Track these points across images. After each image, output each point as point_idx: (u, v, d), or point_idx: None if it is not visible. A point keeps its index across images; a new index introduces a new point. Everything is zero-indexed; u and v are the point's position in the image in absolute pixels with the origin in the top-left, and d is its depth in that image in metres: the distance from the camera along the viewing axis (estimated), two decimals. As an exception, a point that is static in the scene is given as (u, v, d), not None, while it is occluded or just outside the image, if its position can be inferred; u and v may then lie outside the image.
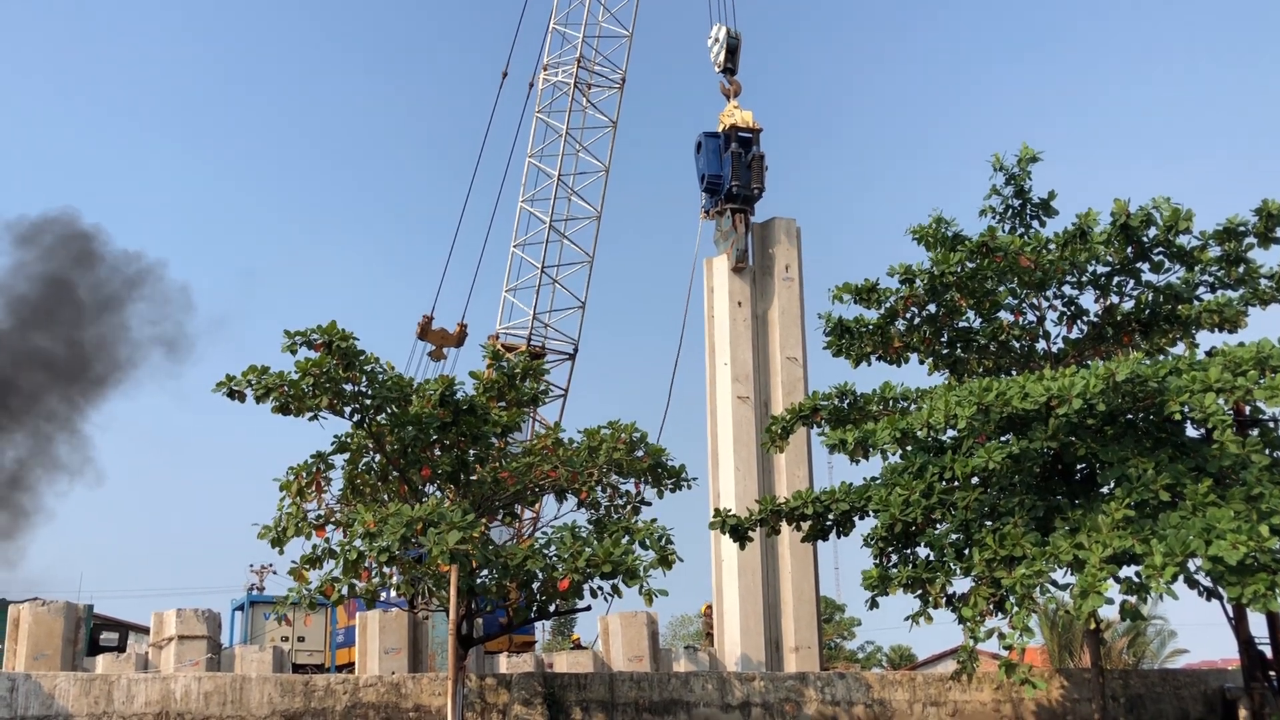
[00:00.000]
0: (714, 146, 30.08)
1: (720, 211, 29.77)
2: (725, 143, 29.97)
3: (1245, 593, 14.83)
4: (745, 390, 28.06)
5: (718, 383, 28.62)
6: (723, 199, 29.68)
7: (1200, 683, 22.61)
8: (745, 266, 29.20)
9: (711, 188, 29.96)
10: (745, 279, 29.19)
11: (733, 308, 28.86)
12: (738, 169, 29.49)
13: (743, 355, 28.49)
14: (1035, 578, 16.45)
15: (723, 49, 31.43)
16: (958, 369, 21.42)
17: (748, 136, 30.21)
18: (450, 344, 35.83)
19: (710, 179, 29.88)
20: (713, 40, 31.82)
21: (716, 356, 28.90)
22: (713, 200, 30.13)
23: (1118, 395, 16.28)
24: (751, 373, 28.22)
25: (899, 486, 18.63)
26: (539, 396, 21.10)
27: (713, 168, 29.83)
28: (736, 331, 28.69)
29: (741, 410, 27.76)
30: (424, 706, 18.77)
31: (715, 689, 20.22)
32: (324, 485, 18.06)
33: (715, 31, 31.76)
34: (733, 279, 29.09)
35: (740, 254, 29.09)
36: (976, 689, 20.93)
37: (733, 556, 26.72)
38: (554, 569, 16.49)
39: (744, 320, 28.85)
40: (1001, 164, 20.14)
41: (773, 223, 30.01)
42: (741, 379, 28.18)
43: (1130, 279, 20.15)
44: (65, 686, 17.56)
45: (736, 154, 29.60)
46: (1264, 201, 19.03)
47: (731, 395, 27.96)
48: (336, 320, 16.73)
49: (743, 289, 29.10)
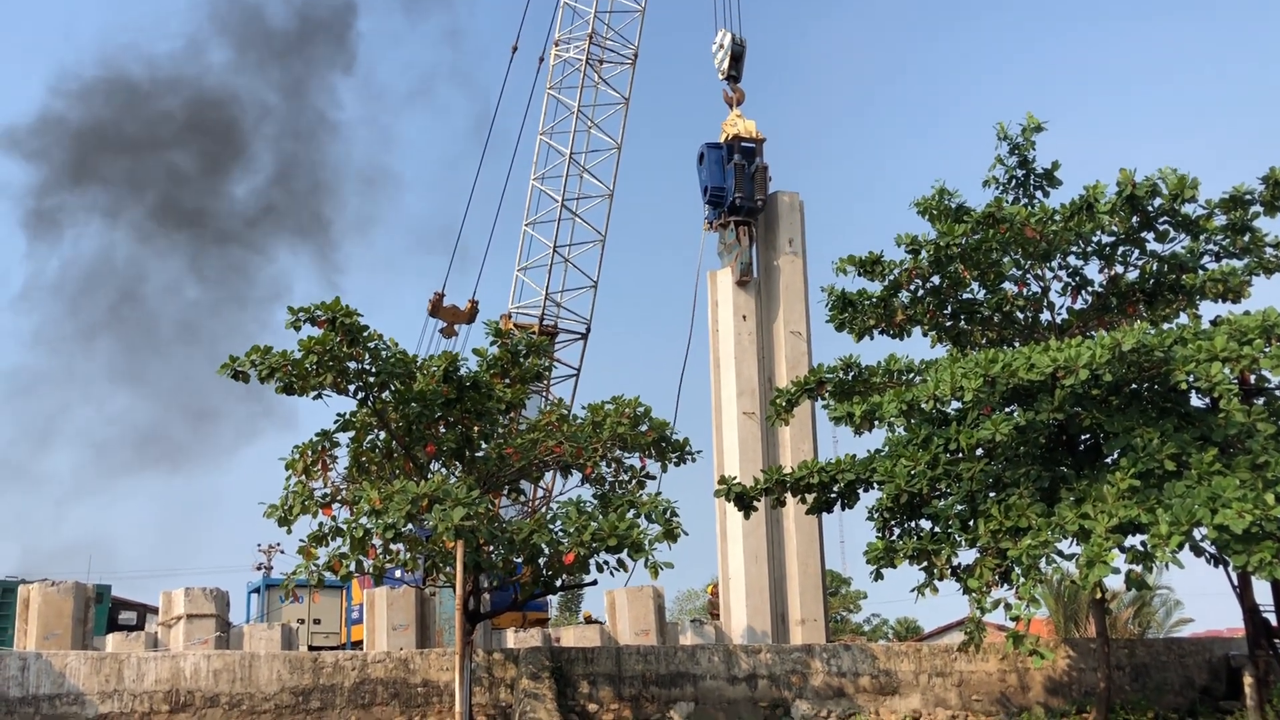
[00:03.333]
0: (717, 158, 29.65)
1: (724, 224, 29.52)
2: (728, 153, 29.50)
3: (1251, 560, 14.84)
4: (751, 406, 27.91)
5: (723, 398, 28.50)
6: (726, 212, 29.41)
7: (1205, 651, 22.67)
8: (750, 280, 28.99)
9: (714, 200, 29.57)
10: (750, 292, 28.98)
11: (737, 322, 28.60)
12: (741, 181, 29.05)
13: (748, 371, 28.25)
14: (1041, 548, 16.47)
15: (727, 55, 30.96)
16: (961, 341, 21.37)
17: (751, 147, 29.73)
18: (461, 321, 35.77)
19: (713, 191, 29.48)
20: (717, 46, 31.38)
21: (721, 371, 28.74)
22: (716, 212, 29.83)
23: (1123, 365, 16.24)
24: (757, 388, 28.02)
25: (904, 458, 18.64)
26: (543, 373, 21.11)
27: (715, 180, 29.43)
28: (741, 346, 28.46)
29: (747, 426, 27.62)
30: (432, 682, 18.87)
31: (721, 662, 20.31)
32: (329, 463, 18.11)
33: (720, 37, 31.31)
34: (737, 292, 28.85)
35: (744, 267, 28.82)
36: (982, 660, 21.01)
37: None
38: (559, 543, 16.54)
39: (749, 334, 28.59)
40: (1006, 133, 20.02)
41: (776, 196, 29.88)
42: (747, 394, 28.01)
43: (1135, 249, 20.06)
44: (76, 665, 17.67)
45: (740, 166, 29.15)
46: (1271, 169, 18.88)
47: (737, 410, 27.86)
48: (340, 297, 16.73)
49: (747, 302, 28.84)
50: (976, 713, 20.48)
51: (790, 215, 29.84)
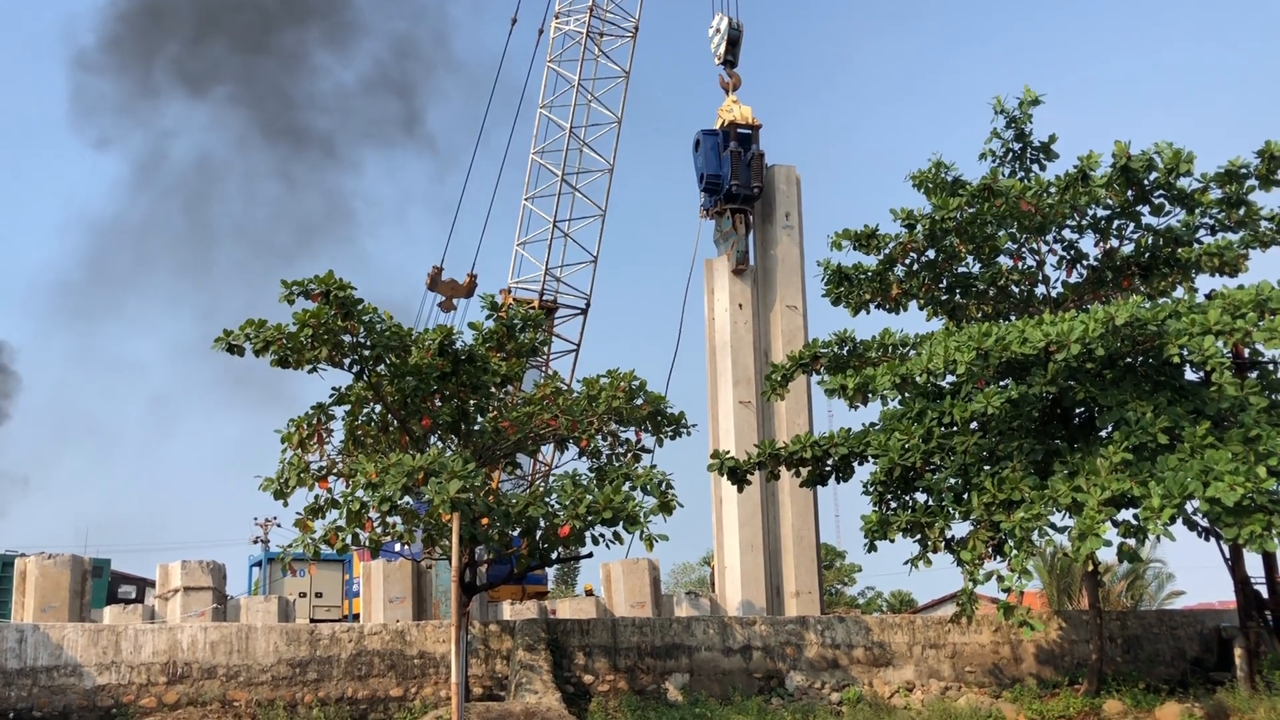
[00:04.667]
0: (713, 144, 29.38)
1: (720, 212, 29.34)
2: (724, 140, 29.25)
3: (1242, 533, 14.95)
4: (747, 395, 27.89)
5: (719, 386, 28.48)
6: (722, 199, 29.22)
7: (1196, 623, 22.83)
8: (746, 268, 28.88)
9: (710, 187, 29.34)
10: (746, 280, 28.86)
11: (734, 310, 28.51)
12: (737, 168, 28.82)
13: (744, 359, 28.16)
14: (1034, 521, 16.57)
15: (724, 40, 30.65)
16: (956, 315, 21.40)
17: (747, 133, 29.48)
18: (460, 295, 35.69)
19: (709, 179, 29.21)
20: (714, 30, 31.09)
21: (718, 360, 28.68)
22: (712, 200, 29.63)
23: (1117, 339, 16.28)
24: (753, 377, 27.96)
25: (898, 432, 18.70)
26: (539, 347, 21.09)
27: (711, 167, 29.17)
28: (738, 335, 28.38)
29: (743, 415, 27.60)
30: (428, 653, 18.98)
31: (716, 633, 20.43)
32: (325, 437, 18.12)
33: (717, 21, 31.03)
34: (733, 281, 28.73)
35: (740, 256, 28.66)
36: (975, 631, 21.15)
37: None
38: (555, 516, 16.59)
39: (745, 323, 28.47)
40: (1003, 107, 19.98)
41: (772, 170, 29.79)
42: (743, 383, 27.97)
43: (1130, 222, 20.06)
44: (73, 637, 17.75)
45: (736, 153, 28.92)
46: (1266, 143, 18.86)
47: (733, 399, 27.85)
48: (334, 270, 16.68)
49: (743, 291, 28.70)
50: (970, 684, 20.64)
51: (787, 190, 29.75)
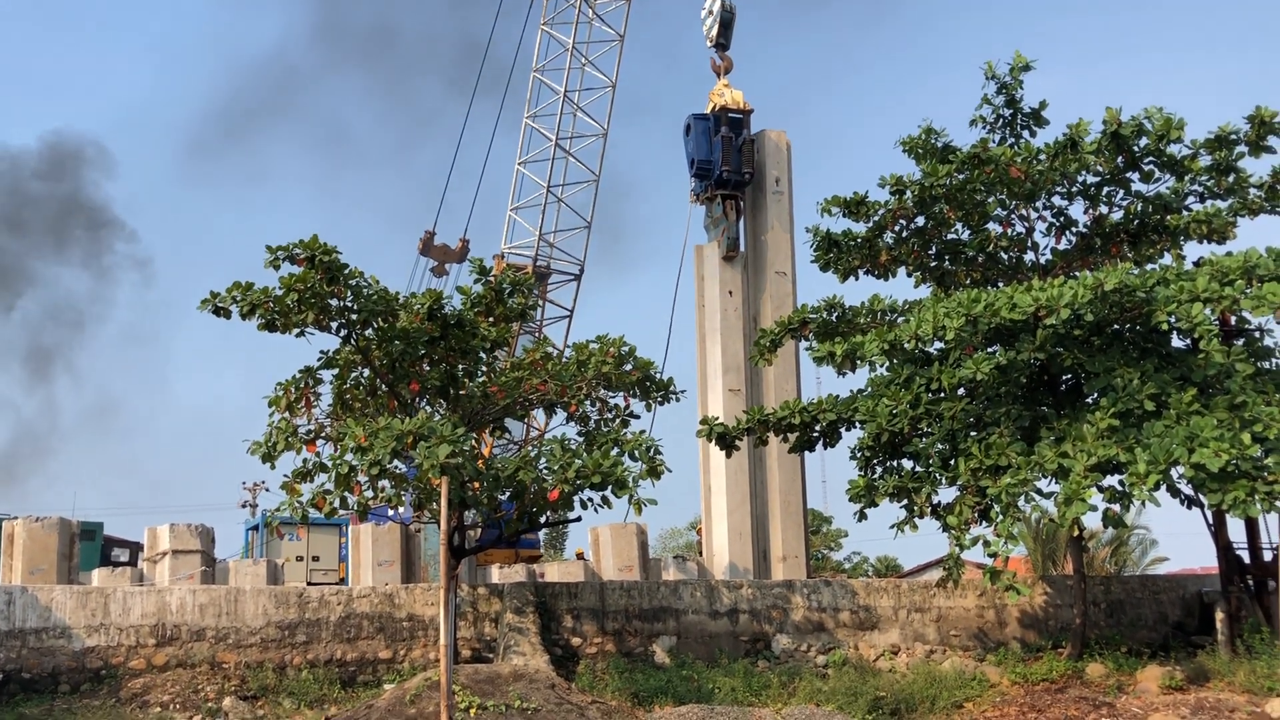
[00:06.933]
0: (704, 129, 29.19)
1: (710, 198, 29.23)
2: (715, 125, 29.05)
3: (1226, 499, 15.06)
4: (736, 383, 27.88)
5: (709, 373, 28.46)
6: (713, 185, 29.07)
7: (1179, 588, 23.06)
8: (736, 255, 28.77)
9: (701, 173, 29.24)
10: (736, 267, 28.76)
11: (724, 297, 28.45)
12: (728, 154, 28.66)
13: (734, 347, 28.14)
14: (1020, 486, 16.66)
15: (716, 22, 30.40)
16: (945, 282, 21.40)
17: (738, 118, 29.30)
18: (452, 260, 35.64)
19: (700, 164, 29.07)
20: (706, 12, 30.81)
21: (707, 346, 28.65)
22: (703, 185, 29.50)
23: (1105, 305, 16.31)
24: (743, 364, 27.94)
25: (886, 397, 18.75)
26: (528, 312, 21.06)
27: (702, 152, 29.04)
28: (728, 322, 28.36)
29: (733, 402, 27.57)
30: (417, 616, 19.07)
31: (704, 597, 20.56)
32: (313, 400, 18.09)
33: (709, 3, 30.80)
34: (724, 267, 28.66)
35: (731, 242, 28.57)
36: (961, 596, 21.32)
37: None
38: (544, 481, 16.62)
39: (735, 310, 28.44)
40: (994, 72, 19.86)
41: (763, 135, 29.65)
42: (733, 371, 27.96)
43: (1120, 189, 20.04)
44: (62, 599, 17.77)
45: (727, 138, 28.76)
46: (1257, 108, 18.80)
47: (723, 387, 27.84)
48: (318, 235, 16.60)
49: (733, 277, 28.63)
50: (954, 647, 20.84)
51: (777, 155, 29.65)
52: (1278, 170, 19.35)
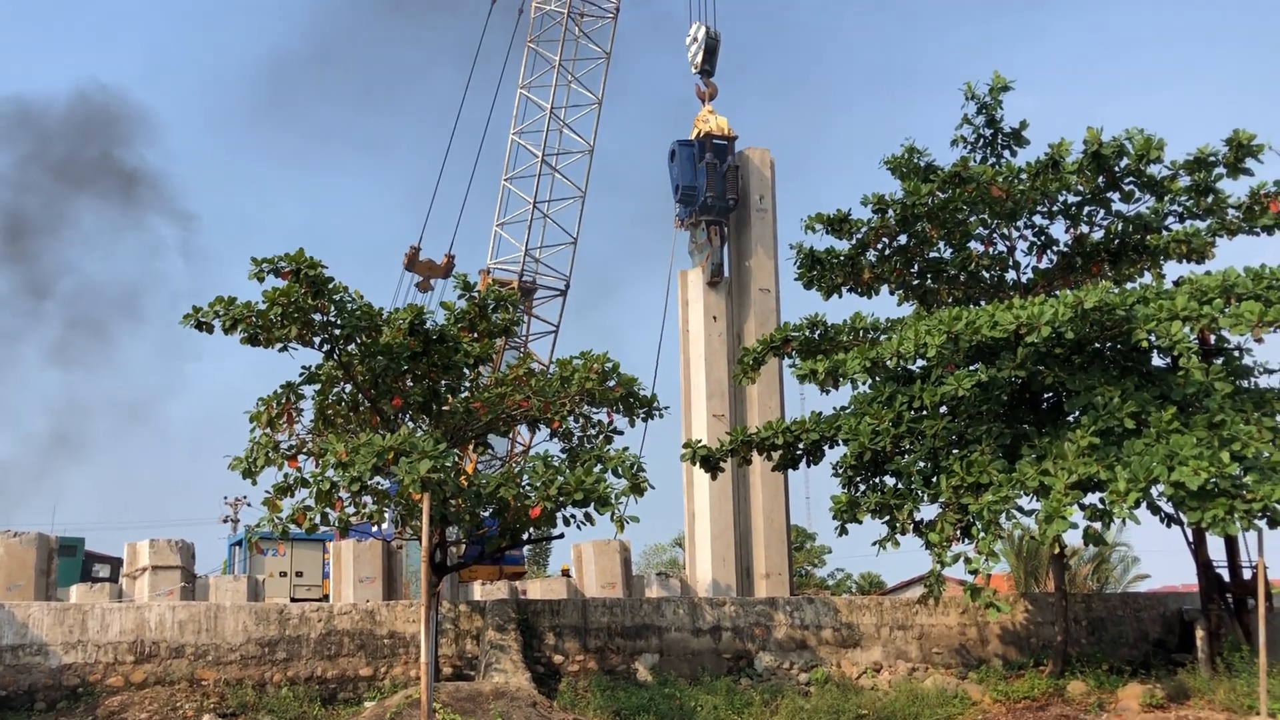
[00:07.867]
0: (688, 155, 29.41)
1: (695, 223, 29.39)
2: (700, 151, 29.26)
3: (1205, 517, 15.14)
4: (721, 409, 27.95)
5: (693, 398, 28.51)
6: (697, 211, 29.23)
7: (1159, 605, 23.14)
8: (720, 280, 28.90)
9: (686, 199, 29.42)
10: (720, 293, 28.89)
11: (708, 322, 28.58)
12: (713, 180, 28.86)
13: (718, 373, 28.23)
14: (1001, 504, 16.73)
15: (701, 49, 30.67)
16: (927, 299, 21.53)
17: (723, 144, 29.52)
18: (437, 275, 35.56)
19: (684, 190, 29.25)
20: (691, 39, 31.06)
21: (692, 372, 28.72)
22: (687, 210, 29.66)
23: (1086, 323, 16.43)
24: (727, 390, 28.02)
25: (868, 415, 18.81)
26: (512, 327, 21.05)
27: (687, 178, 29.24)
28: (712, 348, 28.46)
29: (716, 428, 27.60)
30: (398, 633, 18.97)
31: (686, 614, 20.53)
32: (294, 416, 18.01)
33: (694, 30, 30.98)
34: (708, 293, 28.79)
35: (715, 268, 28.76)
36: (943, 613, 21.35)
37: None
38: (526, 497, 16.58)
39: (719, 335, 28.57)
40: (974, 93, 20.05)
41: (746, 153, 29.80)
42: (717, 396, 28.04)
43: (1100, 209, 20.22)
44: (39, 616, 17.60)
45: (711, 164, 28.95)
46: (1235, 131, 19.03)
47: (707, 413, 27.91)
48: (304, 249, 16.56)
49: (718, 303, 28.78)
50: (936, 665, 20.85)
51: (760, 172, 29.80)
52: (1255, 191, 19.55)
